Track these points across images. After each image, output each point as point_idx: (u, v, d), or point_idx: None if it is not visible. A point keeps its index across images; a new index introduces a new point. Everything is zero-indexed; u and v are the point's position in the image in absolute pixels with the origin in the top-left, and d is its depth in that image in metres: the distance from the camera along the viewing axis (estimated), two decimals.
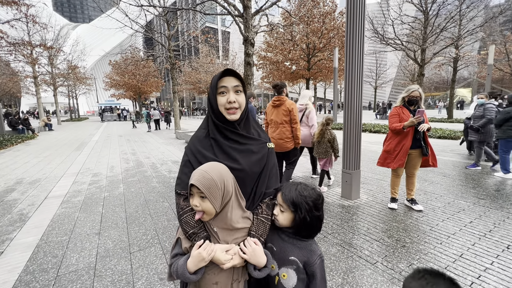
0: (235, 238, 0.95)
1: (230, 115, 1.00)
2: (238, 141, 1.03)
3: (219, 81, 0.99)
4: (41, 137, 13.92)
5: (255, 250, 0.92)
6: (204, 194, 0.85)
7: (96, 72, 54.88)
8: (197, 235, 0.93)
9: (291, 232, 1.01)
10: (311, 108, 4.31)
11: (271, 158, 1.11)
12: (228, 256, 0.89)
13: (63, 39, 24.42)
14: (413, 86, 3.16)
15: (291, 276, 0.99)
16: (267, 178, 1.07)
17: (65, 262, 2.40)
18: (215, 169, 0.90)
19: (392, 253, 2.35)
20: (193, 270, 0.86)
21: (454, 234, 2.65)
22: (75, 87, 31.29)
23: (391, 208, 3.32)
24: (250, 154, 1.04)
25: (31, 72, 19.38)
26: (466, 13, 12.47)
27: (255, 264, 0.92)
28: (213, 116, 1.02)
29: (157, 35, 14.15)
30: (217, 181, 0.87)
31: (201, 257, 0.85)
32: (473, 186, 4.13)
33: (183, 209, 0.97)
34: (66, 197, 4.24)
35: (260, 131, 1.15)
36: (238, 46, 44.92)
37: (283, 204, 0.97)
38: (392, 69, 36.89)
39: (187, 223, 0.94)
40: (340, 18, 16.21)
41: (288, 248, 1.00)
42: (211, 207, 0.87)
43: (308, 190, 0.99)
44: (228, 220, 0.93)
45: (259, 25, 6.33)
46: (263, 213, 1.03)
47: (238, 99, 1.00)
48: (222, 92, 0.99)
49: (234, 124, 1.02)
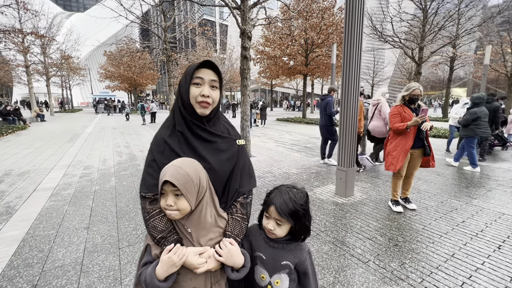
0: (210, 239, 0.89)
1: (201, 108, 0.93)
2: (205, 138, 0.97)
3: (196, 71, 0.93)
4: (33, 128, 13.64)
5: (231, 251, 0.87)
6: (180, 191, 0.79)
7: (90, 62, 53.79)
8: (167, 239, 0.86)
9: (284, 239, 0.97)
10: (383, 103, 4.92)
11: (242, 156, 1.05)
12: (202, 260, 0.83)
13: (56, 27, 23.80)
14: (414, 84, 3.07)
15: (284, 280, 0.96)
16: (239, 176, 1.02)
17: (51, 257, 2.34)
18: (189, 164, 0.84)
19: (384, 252, 2.34)
20: (162, 277, 0.78)
21: (446, 233, 2.66)
22: (68, 78, 30.63)
23: (398, 212, 3.16)
24: (219, 153, 0.98)
25: (23, 61, 18.86)
26: (465, 12, 12.46)
27: (232, 265, 0.87)
28: (182, 107, 0.94)
29: (153, 26, 13.86)
30: (193, 176, 0.81)
31: (171, 261, 0.78)
32: (466, 185, 4.15)
33: (150, 213, 0.89)
34: (55, 189, 4.15)
35: (230, 128, 1.09)
36: (236, 40, 44.37)
37: (281, 219, 0.91)
38: (390, 67, 36.90)
39: (154, 227, 0.87)
40: (339, 14, 16.04)
41: (279, 254, 0.96)
42: (186, 205, 0.81)
43: (297, 193, 0.95)
44: (203, 218, 0.87)
45: (257, 18, 6.21)
46: (238, 212, 0.98)
47: (212, 95, 0.94)
48: (197, 83, 0.93)
49: (203, 119, 0.96)
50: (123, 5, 10.28)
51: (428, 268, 2.10)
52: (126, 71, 29.18)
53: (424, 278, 1.99)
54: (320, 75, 20.87)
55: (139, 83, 31.61)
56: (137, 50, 20.77)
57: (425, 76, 35.33)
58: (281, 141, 9.04)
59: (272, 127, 13.99)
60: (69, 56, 24.99)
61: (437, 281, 1.96)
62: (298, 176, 4.75)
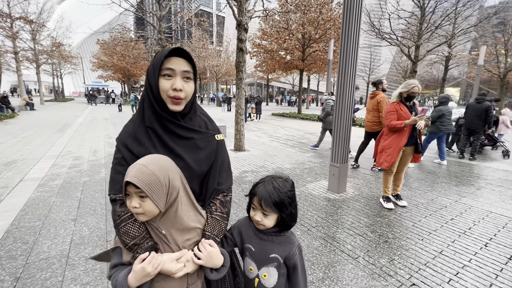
0: (187, 239, 0.83)
1: (173, 105, 0.83)
2: (180, 135, 0.88)
3: (165, 61, 0.81)
4: (22, 117, 13.28)
5: (211, 253, 0.82)
6: (144, 192, 0.71)
7: (83, 51, 52.47)
8: (140, 246, 0.78)
9: (272, 231, 0.95)
10: None
11: (220, 152, 0.99)
12: (180, 265, 0.78)
13: (47, 13, 23.03)
14: (413, 81, 3.04)
15: (272, 274, 0.94)
16: (217, 174, 0.96)
17: (36, 249, 2.27)
18: (155, 162, 0.76)
19: (374, 248, 2.35)
20: (135, 286, 0.74)
21: (435, 230, 2.69)
22: (60, 66, 29.81)
23: (389, 209, 3.18)
24: (197, 150, 0.90)
25: (11, 47, 18.24)
26: (462, 12, 12.50)
27: (211, 267, 0.83)
28: (153, 100, 0.83)
29: (148, 15, 13.51)
30: (159, 176, 0.73)
31: (144, 272, 0.72)
32: (456, 184, 4.21)
33: (121, 217, 0.81)
34: (43, 180, 4.05)
35: (208, 122, 1.00)
36: (233, 32, 43.79)
37: (266, 209, 0.88)
38: (386, 65, 37.08)
39: (126, 233, 0.79)
40: (338, 9, 15.93)
41: (268, 246, 0.94)
42: (153, 207, 0.73)
43: (282, 182, 0.92)
44: (178, 219, 0.80)
45: (254, 9, 6.09)
46: (218, 211, 0.93)
47: (185, 88, 0.83)
48: (166, 74, 0.81)
49: (176, 114, 0.86)
50: None
51: (416, 265, 2.12)
52: (120, 60, 28.58)
53: (412, 274, 2.01)
54: (317, 70, 20.83)
55: (133, 73, 31.03)
56: (131, 40, 20.30)
57: (420, 75, 35.62)
58: (276, 136, 9.02)
59: (267, 122, 13.95)
60: (60, 43, 24.28)
61: (425, 277, 1.97)
62: (292, 171, 4.74)
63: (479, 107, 5.72)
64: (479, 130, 5.77)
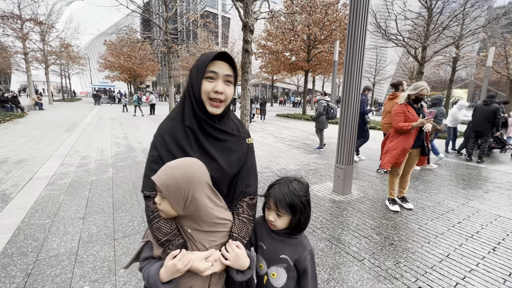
0: (212, 240, 0.85)
1: (213, 107, 0.86)
2: (216, 136, 0.90)
3: (210, 63, 0.84)
4: (31, 116, 13.53)
5: (238, 254, 0.84)
6: (162, 193, 0.74)
7: (90, 52, 53.22)
8: (172, 243, 0.81)
9: (284, 232, 0.96)
10: None
11: (250, 155, 1.01)
12: (208, 264, 0.80)
13: (56, 15, 23.44)
14: (422, 84, 3.02)
15: (281, 274, 0.95)
16: (246, 176, 0.98)
17: (46, 246, 2.33)
18: (182, 168, 0.77)
19: (379, 250, 2.34)
20: (166, 281, 0.77)
21: (442, 234, 2.66)
22: (68, 66, 30.30)
23: (395, 211, 3.15)
24: (229, 152, 0.93)
25: (21, 48, 18.60)
26: (470, 12, 12.33)
27: (238, 268, 0.85)
28: (192, 102, 0.87)
29: (155, 16, 13.67)
30: (180, 183, 0.75)
31: (175, 268, 0.76)
32: (463, 187, 4.16)
33: (154, 213, 0.84)
34: (52, 179, 4.13)
35: (239, 125, 1.02)
36: (238, 33, 43.91)
37: (281, 210, 0.90)
38: (392, 66, 36.71)
39: (159, 229, 0.82)
40: (343, 10, 15.85)
41: (279, 246, 0.96)
42: (169, 208, 0.76)
43: (297, 185, 0.94)
44: (201, 222, 0.82)
45: (260, 11, 6.11)
46: (245, 213, 0.94)
47: (226, 91, 0.86)
48: (210, 77, 0.85)
49: (213, 117, 0.89)
50: None
51: (422, 268, 2.11)
52: (126, 61, 28.88)
53: (418, 277, 2.00)
54: (322, 71, 20.74)
55: (139, 74, 31.33)
56: (138, 41, 20.54)
57: (426, 76, 35.20)
58: (280, 137, 9.02)
59: (272, 123, 13.95)
60: (68, 44, 24.68)
61: (431, 281, 1.96)
62: (296, 173, 4.74)
63: (487, 109, 5.64)
64: (487, 132, 5.69)
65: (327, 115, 6.61)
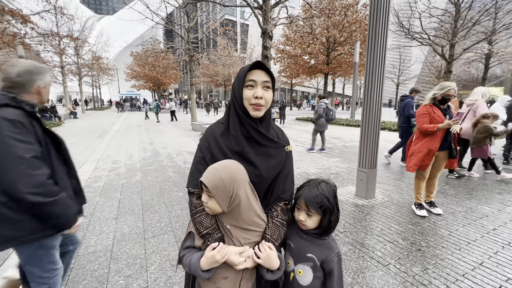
0: (247, 238, 0.93)
1: (255, 111, 0.94)
2: (258, 141, 0.98)
3: (248, 73, 0.94)
4: (67, 125, 14.66)
5: (270, 255, 0.90)
6: (211, 192, 0.84)
7: (118, 63, 56.68)
8: (211, 235, 0.91)
9: (313, 232, 1.00)
10: (479, 104, 4.59)
11: (288, 163, 1.06)
12: (242, 259, 0.88)
13: (88, 30, 25.37)
14: (449, 84, 2.91)
15: (307, 273, 0.99)
16: (282, 182, 1.04)
17: (84, 243, 2.54)
18: (227, 169, 0.87)
19: (406, 256, 2.28)
20: (205, 269, 0.87)
21: (475, 240, 2.52)
22: (98, 77, 32.54)
23: (422, 216, 3.05)
24: (268, 158, 0.99)
25: (59, 62, 20.33)
26: (503, 6, 11.55)
27: (268, 267, 0.91)
28: (236, 109, 0.97)
29: (177, 27, 14.32)
30: (226, 182, 0.84)
31: (214, 259, 0.85)
32: (499, 191, 3.89)
33: (196, 208, 0.94)
34: (87, 182, 4.46)
35: (279, 133, 1.09)
36: (257, 39, 44.47)
37: (311, 210, 0.95)
38: (417, 65, 35.11)
39: (200, 223, 0.92)
40: (363, 10, 15.56)
41: (306, 245, 1.00)
42: (216, 206, 0.86)
43: (326, 186, 0.99)
44: (240, 219, 0.91)
45: (278, 17, 6.22)
46: (279, 217, 1.00)
47: (265, 96, 0.94)
48: (249, 85, 0.94)
49: (256, 121, 0.97)
50: (149, 7, 10.73)
51: (453, 275, 2.02)
52: (151, 70, 30.43)
53: (449, 285, 1.92)
54: (342, 74, 20.40)
55: (162, 82, 32.81)
56: (162, 51, 21.57)
57: (456, 75, 33.15)
58: (300, 141, 8.98)
59: (291, 127, 13.91)
60: (99, 57, 26.55)
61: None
62: (317, 176, 4.69)
63: None
64: None
65: (326, 117, 6.82)
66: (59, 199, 1.22)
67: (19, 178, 1.09)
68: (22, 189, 1.09)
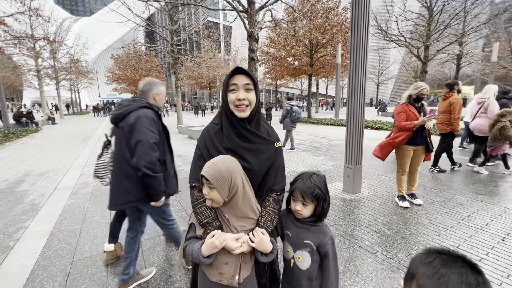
0: (243, 225, 1.04)
1: (239, 112, 1.05)
2: (248, 138, 1.08)
3: (230, 79, 1.05)
4: (45, 131, 14.04)
5: (263, 239, 1.01)
6: (212, 184, 0.94)
7: (97, 66, 54.78)
8: (211, 224, 1.01)
9: (307, 220, 1.11)
10: (490, 102, 4.85)
11: (278, 157, 1.16)
12: (238, 244, 0.98)
13: (65, 32, 24.39)
14: (422, 84, 3.16)
15: (306, 258, 1.10)
16: (274, 175, 1.14)
17: (79, 248, 2.52)
18: (223, 162, 0.98)
19: (391, 243, 2.46)
20: (206, 255, 0.96)
21: (452, 227, 2.75)
22: (77, 81, 31.32)
23: (404, 207, 3.27)
24: (259, 154, 1.10)
25: (34, 65, 19.41)
26: (471, 10, 12.40)
27: (262, 251, 1.02)
28: (226, 112, 1.08)
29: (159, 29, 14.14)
30: (224, 174, 0.95)
31: (213, 245, 0.94)
32: (472, 182, 4.22)
33: (198, 200, 1.04)
34: (74, 188, 4.36)
35: (269, 130, 1.19)
36: (241, 41, 44.64)
37: (307, 200, 1.06)
38: (395, 66, 36.68)
39: (201, 213, 1.03)
40: (344, 13, 16.10)
41: (303, 233, 1.11)
42: (218, 196, 0.96)
43: (317, 178, 1.09)
44: (238, 209, 1.01)
45: (263, 21, 6.36)
46: (271, 207, 1.11)
47: (248, 97, 1.05)
48: (232, 89, 1.05)
49: (244, 121, 1.08)
50: (131, 9, 10.53)
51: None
52: (133, 73, 29.66)
53: None
54: (325, 75, 20.92)
55: None
56: (145, 53, 21.13)
57: (431, 74, 34.94)
58: None
59: (278, 127, 14.11)
60: (77, 60, 25.58)
61: None
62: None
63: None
64: None
65: (290, 117, 7.19)
66: (159, 177, 1.70)
67: (144, 155, 1.62)
68: (143, 163, 1.61)
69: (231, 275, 1.00)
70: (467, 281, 0.51)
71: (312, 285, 1.10)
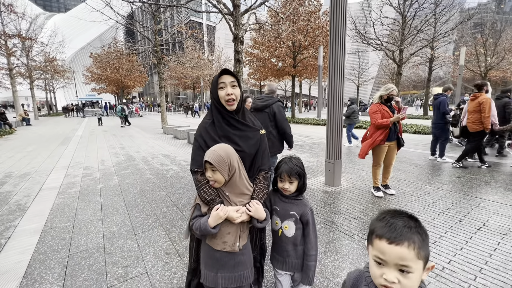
0: (240, 200, 1.26)
1: (229, 106, 1.30)
2: (237, 127, 1.33)
3: (219, 78, 1.28)
4: (20, 132, 13.41)
5: (258, 209, 1.23)
6: (215, 167, 1.15)
7: (74, 65, 52.43)
8: (214, 200, 1.23)
9: (292, 195, 1.36)
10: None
11: (262, 142, 1.43)
12: (238, 214, 1.20)
13: (39, 29, 23.25)
14: (391, 86, 3.52)
15: (291, 226, 1.34)
16: (261, 157, 1.40)
17: (74, 243, 2.60)
18: (222, 149, 1.20)
19: (367, 227, 2.75)
20: (213, 226, 1.16)
21: (418, 211, 3.11)
22: (52, 80, 29.89)
23: (379, 197, 3.62)
24: (248, 139, 1.35)
25: (6, 64, 18.37)
26: (441, 17, 13.35)
27: (258, 218, 1.24)
28: (219, 106, 1.31)
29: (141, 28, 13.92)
30: (224, 157, 1.17)
31: (218, 216, 1.15)
32: (438, 174, 4.68)
33: (201, 182, 1.26)
34: (61, 188, 4.34)
35: (253, 120, 1.46)
36: (224, 42, 44.59)
37: (292, 178, 1.30)
38: (374, 68, 38.22)
39: (205, 192, 1.24)
40: (325, 17, 16.70)
41: (288, 206, 1.35)
42: (220, 177, 1.18)
43: (296, 160, 1.35)
44: (236, 187, 1.24)
45: (248, 23, 6.57)
46: (261, 183, 1.36)
47: (234, 92, 1.31)
48: (221, 87, 1.28)
49: (233, 113, 1.33)
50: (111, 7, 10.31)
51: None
52: (113, 73, 28.81)
53: None
54: (308, 76, 21.50)
55: (126, 85, 31.24)
56: (127, 53, 20.64)
57: (407, 76, 36.83)
58: None
59: None
60: (53, 58, 24.46)
61: None
62: None
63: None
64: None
65: None
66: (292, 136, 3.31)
67: (287, 126, 3.23)
68: (288, 130, 3.23)
69: (233, 242, 1.21)
70: (409, 225, 0.70)
71: (297, 250, 1.34)
